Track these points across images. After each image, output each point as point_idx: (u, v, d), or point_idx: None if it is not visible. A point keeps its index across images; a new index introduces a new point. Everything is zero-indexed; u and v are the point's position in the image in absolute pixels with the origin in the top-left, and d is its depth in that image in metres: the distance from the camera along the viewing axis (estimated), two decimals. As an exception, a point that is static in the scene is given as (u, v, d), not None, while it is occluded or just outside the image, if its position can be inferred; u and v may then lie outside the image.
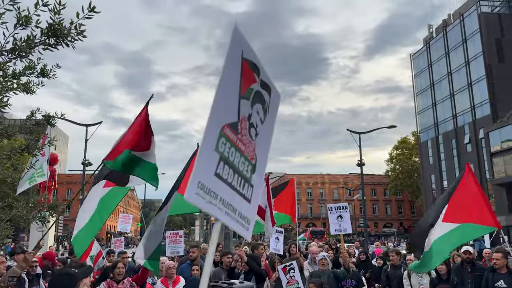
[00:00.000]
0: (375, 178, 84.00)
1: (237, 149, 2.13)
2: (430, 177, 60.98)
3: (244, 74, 2.13)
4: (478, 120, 51.11)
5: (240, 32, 2.07)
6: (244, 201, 2.21)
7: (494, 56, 49.96)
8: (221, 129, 1.98)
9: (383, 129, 28.32)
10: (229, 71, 2.01)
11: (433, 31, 62.89)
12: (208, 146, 1.90)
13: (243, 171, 2.20)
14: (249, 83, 2.21)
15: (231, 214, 2.08)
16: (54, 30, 3.11)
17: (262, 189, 2.48)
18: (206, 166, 1.89)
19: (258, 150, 2.35)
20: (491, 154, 46.33)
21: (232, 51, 2.02)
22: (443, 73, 58.33)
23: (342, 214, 8.02)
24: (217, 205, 1.95)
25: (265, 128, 2.41)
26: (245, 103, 2.17)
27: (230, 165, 2.07)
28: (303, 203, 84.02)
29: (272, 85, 2.44)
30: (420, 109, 64.26)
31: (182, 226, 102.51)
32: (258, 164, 2.36)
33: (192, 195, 1.78)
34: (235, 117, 2.09)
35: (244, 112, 2.17)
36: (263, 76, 2.33)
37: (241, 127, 2.15)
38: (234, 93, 2.08)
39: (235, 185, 2.12)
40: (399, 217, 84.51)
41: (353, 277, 7.08)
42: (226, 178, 2.03)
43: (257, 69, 2.26)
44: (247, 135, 2.22)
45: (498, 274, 6.34)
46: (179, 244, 8.28)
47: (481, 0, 53.54)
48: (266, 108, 2.40)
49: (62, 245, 34.82)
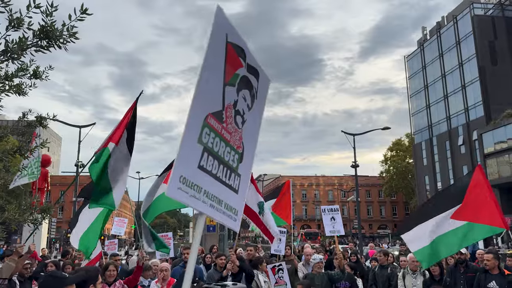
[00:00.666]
0: (369, 179, 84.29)
1: (222, 139, 2.01)
2: (424, 179, 61.27)
3: (229, 59, 1.99)
4: (471, 121, 51.47)
5: (223, 14, 1.92)
6: (231, 192, 2.11)
7: (487, 58, 50.36)
8: (205, 119, 1.87)
9: (378, 130, 28.39)
10: (212, 58, 1.87)
11: (427, 33, 63.29)
12: (191, 138, 1.80)
13: (229, 161, 2.09)
14: (235, 68, 2.07)
15: (216, 206, 1.98)
16: (46, 32, 3.09)
17: (249, 179, 2.32)
18: (189, 159, 1.79)
19: (245, 138, 2.23)
20: (484, 156, 46.64)
21: (216, 36, 1.87)
22: (437, 75, 58.71)
23: (334, 216, 8.04)
24: (201, 198, 1.87)
25: (253, 114, 2.29)
26: (230, 89, 2.04)
27: (215, 156, 1.96)
28: (297, 205, 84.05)
29: (260, 69, 2.29)
30: (414, 111, 64.60)
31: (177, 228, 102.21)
32: (246, 153, 2.24)
33: (175, 191, 1.71)
34: (220, 105, 1.97)
35: (229, 99, 2.04)
36: (249, 59, 2.18)
37: (226, 115, 2.03)
38: (218, 80, 1.94)
39: (220, 176, 2.02)
40: (393, 218, 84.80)
41: (347, 278, 7.09)
42: (210, 170, 1.93)
43: (243, 52, 2.11)
44: (233, 123, 2.11)
45: (490, 275, 6.38)
46: (170, 246, 8.24)
47: (475, 2, 53.98)
48: (254, 94, 2.26)
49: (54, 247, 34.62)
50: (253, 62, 2.24)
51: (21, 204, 4.56)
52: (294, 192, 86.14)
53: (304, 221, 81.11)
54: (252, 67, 2.24)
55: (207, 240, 26.38)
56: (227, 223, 2.10)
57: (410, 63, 66.03)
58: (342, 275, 6.73)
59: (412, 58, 65.32)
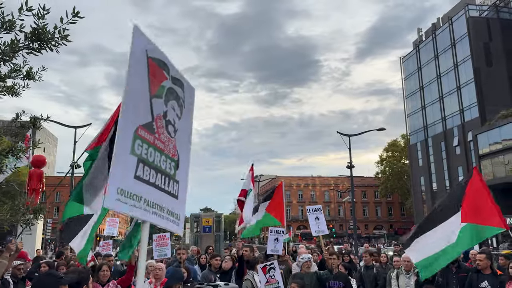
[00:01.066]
0: (365, 180, 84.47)
1: (156, 149, 2.12)
2: (419, 179, 61.50)
3: (152, 73, 2.11)
4: (466, 122, 51.72)
5: (141, 31, 2.02)
6: (171, 198, 2.23)
7: (482, 59, 50.65)
8: (135, 131, 1.96)
9: (374, 131, 28.47)
10: (135, 73, 1.97)
11: (422, 35, 63.57)
12: (123, 151, 1.88)
13: (166, 169, 2.20)
14: (160, 81, 2.19)
15: (159, 213, 2.08)
16: (38, 35, 3.10)
17: (187, 183, 2.44)
18: (124, 171, 1.87)
19: (179, 146, 2.35)
20: (479, 157, 46.88)
21: (136, 52, 1.99)
22: (432, 76, 58.98)
23: (318, 216, 8.06)
24: (142, 207, 1.94)
25: (183, 123, 2.42)
26: (158, 101, 2.16)
27: (150, 165, 2.05)
28: (294, 205, 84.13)
29: (183, 79, 2.43)
30: (409, 112, 64.86)
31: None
32: (181, 160, 2.37)
33: (113, 202, 1.78)
34: (149, 117, 2.08)
35: (158, 110, 2.15)
36: (173, 72, 2.32)
37: (157, 126, 2.14)
38: (144, 93, 2.04)
39: (159, 184, 2.13)
40: (389, 219, 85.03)
41: (341, 279, 7.10)
42: (148, 179, 2.02)
43: (165, 66, 2.25)
44: (165, 133, 2.22)
45: (482, 275, 6.43)
46: (166, 246, 8.26)
47: (470, 4, 54.28)
48: (181, 104, 2.40)
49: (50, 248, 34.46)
50: (176, 73, 2.36)
51: (15, 205, 4.56)
52: (291, 192, 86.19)
53: (300, 222, 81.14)
54: (176, 78, 2.36)
55: (203, 241, 26.35)
56: (171, 228, 2.20)
57: (405, 64, 66.30)
58: (330, 275, 6.72)
59: (408, 59, 65.59)
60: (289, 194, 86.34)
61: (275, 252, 8.07)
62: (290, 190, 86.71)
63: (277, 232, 8.17)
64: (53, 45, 3.17)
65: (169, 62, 2.28)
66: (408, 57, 65.65)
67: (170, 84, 2.29)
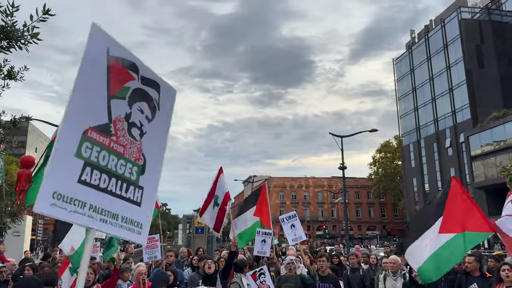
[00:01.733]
0: (359, 181, 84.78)
1: (111, 152, 2.03)
2: (412, 180, 61.82)
3: (113, 73, 2.03)
4: (458, 124, 52.08)
5: (101, 30, 1.96)
6: (130, 205, 2.11)
7: (474, 61, 51.05)
8: (84, 133, 1.88)
9: (367, 132, 28.51)
10: (89, 72, 1.90)
11: (415, 36, 63.95)
12: (66, 153, 1.79)
13: (125, 173, 2.10)
14: (123, 82, 2.11)
15: (110, 220, 1.97)
16: (6, 33, 2.99)
17: (155, 190, 2.33)
18: (65, 175, 1.78)
19: (147, 150, 2.25)
20: (471, 158, 47.22)
21: (92, 51, 1.92)
22: (425, 78, 59.33)
23: (294, 223, 7.99)
24: (85, 213, 1.85)
25: (156, 125, 2.33)
26: (118, 102, 2.07)
27: (102, 169, 1.96)
28: (287, 206, 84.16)
29: (160, 81, 2.35)
30: (402, 113, 65.19)
31: (166, 230, 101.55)
32: (149, 164, 2.26)
33: (47, 207, 1.68)
34: (105, 119, 2.00)
35: (117, 112, 2.07)
36: (144, 72, 2.23)
37: (115, 128, 2.05)
38: (99, 94, 1.96)
39: (112, 189, 2.02)
40: (382, 220, 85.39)
41: (330, 280, 7.03)
42: (97, 184, 1.93)
43: (133, 66, 2.17)
44: (126, 136, 2.12)
45: (471, 277, 6.39)
46: (156, 248, 8.14)
47: (462, 6, 54.69)
48: (154, 105, 2.31)
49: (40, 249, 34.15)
50: (150, 74, 2.28)
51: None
52: (284, 193, 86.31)
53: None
54: (149, 79, 2.27)
55: (195, 242, 26.23)
56: (128, 236, 2.08)
57: (398, 65, 66.66)
58: (312, 281, 6.61)
59: (401, 61, 65.94)
60: (283, 195, 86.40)
61: (262, 254, 7.99)
62: (283, 191, 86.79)
63: (265, 233, 8.08)
64: (22, 44, 3.06)
65: (139, 62, 2.20)
66: (400, 59, 66.00)
67: (138, 84, 2.20)
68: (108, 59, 2.00)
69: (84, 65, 1.88)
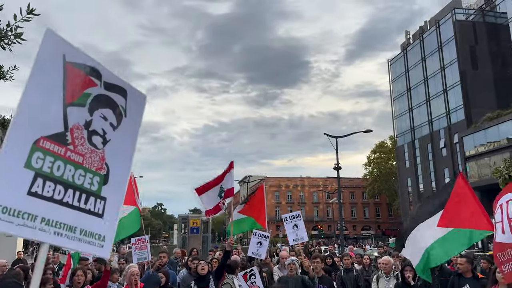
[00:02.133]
0: (353, 181, 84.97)
1: (68, 162, 1.96)
2: (406, 181, 62.06)
3: (70, 79, 1.97)
4: (453, 125, 52.33)
5: (56, 35, 1.89)
6: (90, 217, 2.05)
7: (468, 62, 51.31)
8: (35, 143, 1.81)
9: (363, 133, 28.54)
10: (42, 79, 1.83)
11: (410, 37, 64.21)
12: (13, 164, 1.72)
13: (84, 184, 2.04)
14: (83, 88, 2.05)
15: (65, 233, 1.91)
16: None
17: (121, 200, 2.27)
18: (11, 187, 1.71)
19: (110, 159, 2.19)
20: (465, 159, 47.45)
21: (44, 57, 1.85)
22: (420, 79, 59.57)
23: (297, 223, 7.87)
24: (36, 226, 1.78)
25: (123, 133, 2.26)
26: (77, 110, 2.01)
27: (56, 180, 1.90)
28: (283, 206, 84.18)
29: (128, 86, 2.29)
30: (397, 114, 65.42)
31: (161, 230, 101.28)
32: (113, 174, 2.20)
33: None
34: (60, 127, 1.94)
35: (75, 120, 2.01)
36: (108, 78, 2.17)
37: (72, 136, 1.99)
38: (54, 101, 1.90)
39: (69, 201, 1.95)
40: (376, 220, 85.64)
41: (325, 281, 7.01)
42: (50, 195, 1.87)
43: (95, 71, 2.11)
44: (85, 145, 2.06)
45: (463, 278, 6.38)
46: (145, 249, 8.09)
47: (456, 8, 54.96)
48: (120, 112, 2.25)
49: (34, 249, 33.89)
50: (115, 80, 2.22)
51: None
52: (280, 193, 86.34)
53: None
54: (114, 85, 2.21)
55: (190, 242, 26.16)
56: (88, 249, 2.03)
57: (393, 66, 66.88)
58: (311, 284, 6.59)
59: (395, 62, 66.18)
60: (278, 195, 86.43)
61: (256, 256, 7.92)
62: (279, 191, 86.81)
63: (261, 236, 8.02)
64: (6, 44, 3.00)
65: (102, 68, 2.13)
66: (395, 60, 66.23)
67: (101, 90, 2.13)
68: (64, 65, 1.93)
69: (35, 72, 1.80)
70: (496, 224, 4.52)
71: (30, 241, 32.17)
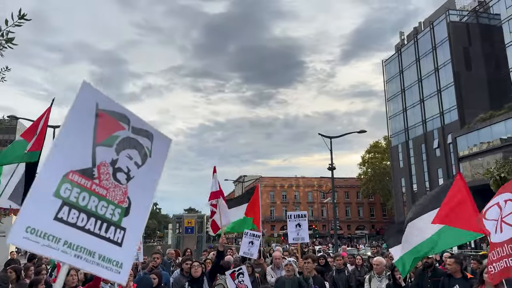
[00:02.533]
0: (348, 181, 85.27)
1: (92, 194, 2.21)
2: (400, 181, 62.37)
3: (101, 124, 2.27)
4: (446, 125, 52.67)
5: (91, 86, 2.21)
6: (110, 244, 2.26)
7: (462, 63, 51.65)
8: (65, 176, 2.07)
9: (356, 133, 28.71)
10: (76, 123, 2.14)
11: (404, 38, 64.51)
12: (44, 192, 1.98)
13: (106, 214, 2.26)
14: (111, 131, 2.34)
15: (85, 257, 2.12)
16: None
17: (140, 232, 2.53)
18: (40, 212, 1.95)
19: (133, 193, 2.43)
20: (458, 159, 47.82)
21: (80, 105, 2.16)
22: (414, 79, 59.88)
23: (300, 223, 7.79)
24: (59, 248, 1.99)
25: (146, 171, 2.52)
26: (104, 149, 2.30)
27: (81, 209, 2.13)
28: (277, 206, 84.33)
29: (154, 131, 2.59)
30: (391, 114, 65.70)
31: (156, 229, 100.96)
32: (134, 207, 2.43)
33: (20, 239, 1.85)
34: (89, 164, 2.21)
35: (103, 158, 2.29)
36: (136, 124, 2.48)
37: (98, 172, 2.25)
38: (85, 141, 2.19)
39: (91, 228, 2.18)
40: (371, 219, 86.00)
41: (316, 282, 7.06)
42: (74, 222, 2.09)
43: (124, 117, 2.41)
44: (110, 179, 2.32)
45: (453, 279, 6.47)
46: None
47: (451, 9, 55.30)
48: (146, 153, 2.53)
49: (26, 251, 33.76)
50: (142, 125, 2.55)
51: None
52: (274, 193, 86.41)
53: (284, 222, 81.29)
54: (141, 129, 2.53)
55: (185, 242, 26.13)
56: (105, 275, 2.23)
57: (387, 67, 67.17)
58: (306, 285, 6.63)
59: (390, 63, 66.47)
60: (273, 195, 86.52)
61: (248, 255, 7.94)
62: (274, 190, 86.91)
63: (253, 235, 8.03)
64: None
65: (130, 114, 2.44)
66: (390, 60, 66.52)
67: (128, 134, 2.44)
68: (96, 111, 2.24)
69: (71, 116, 2.10)
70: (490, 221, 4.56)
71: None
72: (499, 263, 4.24)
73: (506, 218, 4.32)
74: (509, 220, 4.28)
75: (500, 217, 4.39)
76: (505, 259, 4.16)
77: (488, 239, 4.63)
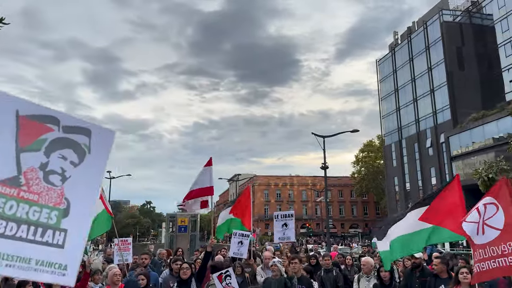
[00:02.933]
0: (342, 180, 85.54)
1: (20, 201, 2.19)
2: (393, 179, 62.68)
3: (23, 130, 2.23)
4: (439, 125, 52.98)
5: (7, 95, 2.18)
6: (48, 248, 2.24)
7: (455, 63, 51.96)
8: None
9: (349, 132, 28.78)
10: None
11: (398, 38, 64.75)
12: None
13: (39, 219, 2.25)
14: (37, 135, 2.31)
15: (18, 264, 2.10)
16: None
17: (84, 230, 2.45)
18: None
19: (70, 193, 2.40)
20: (451, 158, 48.16)
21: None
22: (407, 79, 60.15)
23: (287, 222, 7.76)
24: None
25: (86, 168, 2.49)
26: (30, 155, 2.27)
27: (8, 218, 2.13)
28: (272, 205, 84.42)
29: (93, 126, 2.54)
30: (384, 113, 65.97)
31: (150, 228, 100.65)
32: (74, 207, 2.39)
33: None
34: (14, 172, 2.19)
35: (29, 163, 2.26)
36: (66, 122, 2.44)
37: (26, 178, 2.23)
38: (6, 151, 2.16)
39: (22, 236, 2.16)
40: (364, 218, 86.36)
41: (303, 282, 7.06)
42: (2, 232, 2.08)
43: (52, 119, 2.37)
44: (41, 184, 2.30)
45: (439, 279, 6.51)
46: (128, 251, 8.06)
47: (444, 9, 55.57)
48: (82, 150, 2.49)
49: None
50: (74, 122, 2.49)
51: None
52: (269, 192, 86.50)
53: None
54: (73, 126, 2.48)
55: (178, 241, 26.04)
56: (48, 279, 2.20)
57: (381, 66, 67.41)
58: (290, 285, 6.63)
59: (384, 62, 66.70)
60: (267, 193, 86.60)
61: (238, 255, 7.92)
62: (268, 189, 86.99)
63: (242, 235, 8.02)
64: None
65: (59, 114, 2.39)
66: (383, 60, 66.75)
67: (58, 134, 2.39)
68: (16, 119, 2.20)
69: None
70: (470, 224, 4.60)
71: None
72: (480, 264, 4.29)
73: (489, 220, 4.37)
74: (491, 223, 4.33)
75: (481, 220, 4.44)
76: (487, 261, 4.22)
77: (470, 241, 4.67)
